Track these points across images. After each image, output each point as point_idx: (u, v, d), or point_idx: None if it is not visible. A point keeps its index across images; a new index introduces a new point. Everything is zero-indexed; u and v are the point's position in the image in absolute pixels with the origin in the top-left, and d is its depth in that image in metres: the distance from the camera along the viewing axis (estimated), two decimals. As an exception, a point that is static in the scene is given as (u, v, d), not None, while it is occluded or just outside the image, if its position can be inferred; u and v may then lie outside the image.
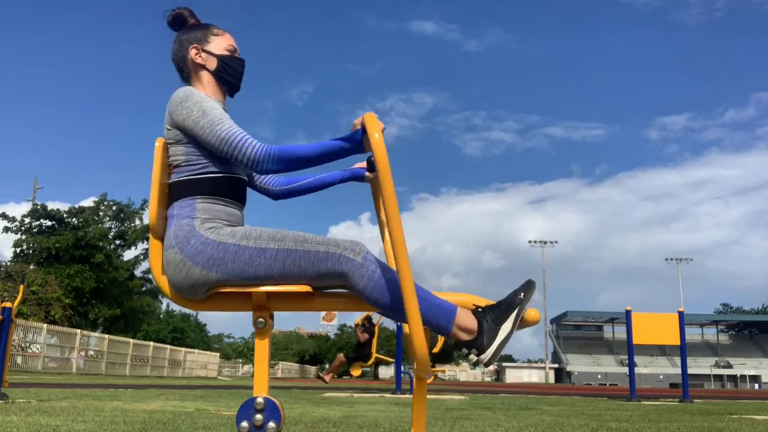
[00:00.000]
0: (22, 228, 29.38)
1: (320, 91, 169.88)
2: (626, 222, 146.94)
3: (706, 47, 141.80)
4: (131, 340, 28.13)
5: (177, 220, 1.86)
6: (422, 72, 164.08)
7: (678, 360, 62.68)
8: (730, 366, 72.27)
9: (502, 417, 5.06)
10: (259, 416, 1.73)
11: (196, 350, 40.69)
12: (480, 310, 1.81)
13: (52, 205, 30.44)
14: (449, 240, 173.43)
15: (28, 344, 20.88)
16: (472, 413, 5.48)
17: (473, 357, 1.77)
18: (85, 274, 28.20)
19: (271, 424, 1.73)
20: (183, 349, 36.73)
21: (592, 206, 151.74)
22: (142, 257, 33.69)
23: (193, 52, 2.03)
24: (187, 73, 2.06)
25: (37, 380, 12.66)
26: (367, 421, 4.29)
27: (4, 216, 28.85)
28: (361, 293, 1.77)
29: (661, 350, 73.35)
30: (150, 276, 35.98)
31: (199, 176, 1.88)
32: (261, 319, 1.82)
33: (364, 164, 2.24)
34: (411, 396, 9.48)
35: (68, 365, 22.55)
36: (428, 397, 9.30)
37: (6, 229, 28.89)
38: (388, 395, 9.33)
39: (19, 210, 54.90)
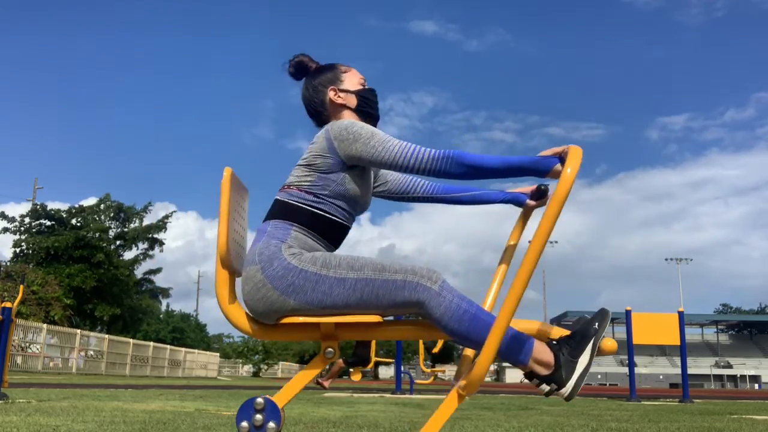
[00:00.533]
0: (22, 228, 29.38)
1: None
2: (626, 222, 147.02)
3: (706, 47, 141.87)
4: (131, 340, 28.14)
5: (267, 237, 1.84)
6: (422, 72, 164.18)
7: (678, 360, 62.69)
8: (730, 366, 72.29)
9: (502, 417, 5.06)
10: (259, 416, 1.73)
11: (196, 350, 40.70)
12: (555, 342, 1.78)
13: (52, 205, 30.54)
14: (449, 240, 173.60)
15: (28, 344, 20.88)
16: (472, 413, 5.48)
17: (546, 387, 1.74)
18: (85, 273, 28.20)
19: (271, 424, 1.72)
20: (183, 349, 36.74)
21: (592, 206, 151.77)
22: (141, 257, 33.70)
23: (331, 94, 2.03)
24: (326, 116, 2.05)
25: (37, 380, 12.66)
26: (367, 421, 4.29)
27: (4, 216, 28.85)
28: (438, 322, 1.74)
29: (661, 350, 73.39)
30: (151, 276, 36.03)
31: (308, 208, 1.87)
32: (330, 349, 1.81)
33: (525, 189, 2.18)
34: (411, 396, 9.49)
35: (68, 365, 22.57)
36: (428, 397, 9.31)
37: (5, 230, 28.89)
38: (388, 395, 9.33)
39: (19, 210, 54.93)
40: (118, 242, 32.99)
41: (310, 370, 1.83)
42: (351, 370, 11.58)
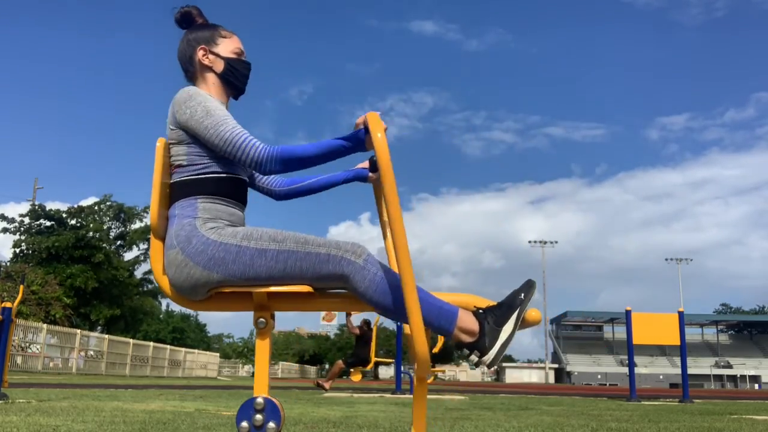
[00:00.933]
0: (21, 228, 29.37)
1: (320, 91, 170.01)
2: (626, 222, 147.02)
3: (706, 47, 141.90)
4: (131, 340, 28.14)
5: (178, 219, 1.86)
6: (422, 72, 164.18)
7: (678, 360, 62.64)
8: (730, 366, 72.27)
9: (502, 417, 5.06)
10: (259, 416, 1.73)
11: (196, 350, 40.70)
12: (481, 311, 1.81)
13: (51, 206, 30.55)
14: (449, 240, 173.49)
15: (28, 344, 20.88)
16: (472, 413, 5.48)
17: (475, 358, 1.77)
18: (85, 274, 28.19)
19: (271, 425, 1.73)
20: (183, 349, 36.73)
21: (592, 206, 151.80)
22: (142, 257, 33.70)
23: (200, 53, 2.03)
24: (192, 72, 2.05)
25: (37, 380, 12.66)
26: (367, 421, 4.29)
27: (3, 217, 28.84)
28: (362, 295, 1.77)
29: (661, 350, 73.34)
30: (151, 276, 36.02)
31: (200, 176, 1.89)
32: (262, 319, 1.82)
33: (366, 164, 2.24)
34: (411, 396, 9.49)
35: (68, 365, 22.56)
36: (428, 397, 9.30)
37: (5, 230, 28.88)
38: (388, 395, 9.34)
39: (18, 210, 54.92)
40: (118, 242, 33.01)
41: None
42: (351, 370, 11.59)
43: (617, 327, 72.62)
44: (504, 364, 77.51)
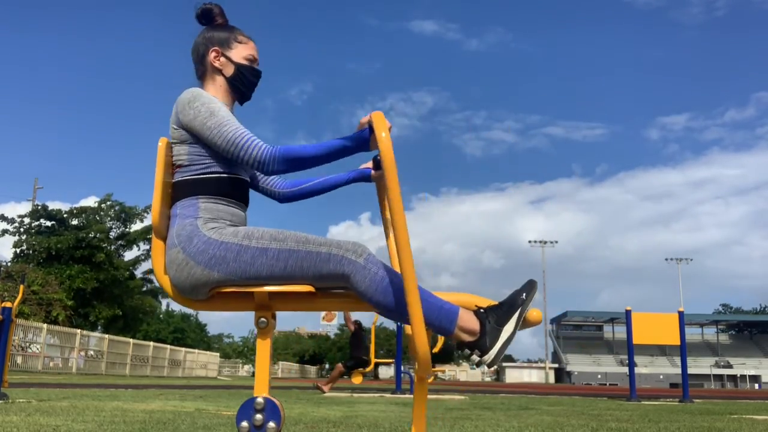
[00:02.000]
0: (21, 228, 29.35)
1: (320, 90, 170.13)
2: (626, 222, 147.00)
3: (706, 47, 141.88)
4: (131, 340, 28.14)
5: (180, 219, 1.86)
6: (422, 72, 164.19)
7: (678, 360, 62.71)
8: (730, 366, 72.27)
9: (502, 417, 5.06)
10: (259, 416, 1.73)
11: (196, 350, 40.70)
12: (482, 311, 1.81)
13: (51, 206, 30.41)
14: (449, 240, 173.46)
15: (28, 344, 20.88)
16: (472, 413, 5.48)
17: (476, 358, 1.76)
18: (86, 274, 28.17)
19: (271, 424, 1.72)
20: (183, 349, 36.74)
21: (592, 206, 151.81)
22: (143, 257, 33.67)
23: (212, 54, 2.02)
24: (201, 71, 2.05)
25: (37, 380, 12.66)
26: (367, 421, 4.29)
27: (3, 218, 28.82)
28: (363, 295, 1.76)
29: (661, 350, 73.35)
30: (151, 276, 36.01)
31: (202, 176, 1.89)
32: (263, 319, 1.82)
33: (369, 164, 2.23)
34: (411, 396, 9.49)
35: (68, 365, 22.56)
36: (428, 397, 9.30)
37: (5, 231, 28.86)
38: (388, 395, 9.34)
39: (19, 210, 54.92)
40: (119, 242, 32.98)
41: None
42: (352, 372, 11.58)
43: (617, 327, 72.64)
44: (504, 364, 77.52)
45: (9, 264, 27.33)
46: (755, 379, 69.49)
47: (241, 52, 2.04)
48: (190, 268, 1.79)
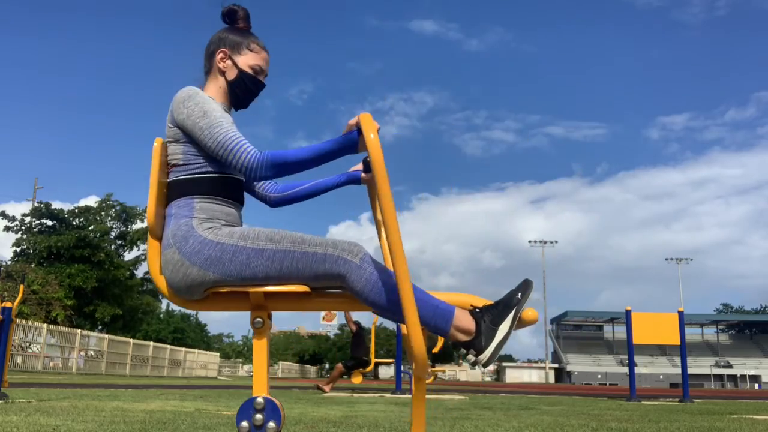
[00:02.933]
0: (22, 227, 29.35)
1: (320, 90, 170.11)
2: (626, 221, 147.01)
3: (707, 46, 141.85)
4: (131, 340, 28.14)
5: (175, 219, 1.86)
6: (422, 71, 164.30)
7: (678, 360, 62.66)
8: (730, 366, 72.26)
9: (502, 417, 5.06)
10: (259, 416, 1.73)
11: (196, 350, 40.71)
12: (477, 310, 1.81)
13: (52, 205, 30.37)
14: (449, 240, 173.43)
15: (28, 344, 20.88)
16: (472, 413, 5.48)
17: (472, 357, 1.77)
18: (86, 273, 28.17)
19: (271, 424, 1.72)
20: (183, 349, 36.75)
21: (592, 206, 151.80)
22: (143, 257, 33.66)
23: (219, 55, 2.03)
24: (208, 68, 2.06)
25: (37, 380, 12.66)
26: (367, 421, 4.29)
27: (4, 215, 28.81)
28: (359, 295, 1.76)
29: (661, 350, 73.35)
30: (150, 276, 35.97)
31: (196, 175, 1.89)
32: (259, 319, 1.82)
33: (360, 167, 2.23)
34: (411, 396, 9.45)
35: (68, 365, 22.56)
36: (428, 397, 9.30)
37: (7, 228, 28.85)
38: (388, 395, 9.33)
39: (18, 210, 54.88)
40: (119, 242, 32.98)
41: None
42: (352, 372, 11.59)
43: (617, 327, 72.61)
44: (504, 364, 77.55)
45: (9, 264, 27.33)
46: (755, 379, 69.46)
47: (248, 60, 2.04)
48: (186, 268, 1.79)
